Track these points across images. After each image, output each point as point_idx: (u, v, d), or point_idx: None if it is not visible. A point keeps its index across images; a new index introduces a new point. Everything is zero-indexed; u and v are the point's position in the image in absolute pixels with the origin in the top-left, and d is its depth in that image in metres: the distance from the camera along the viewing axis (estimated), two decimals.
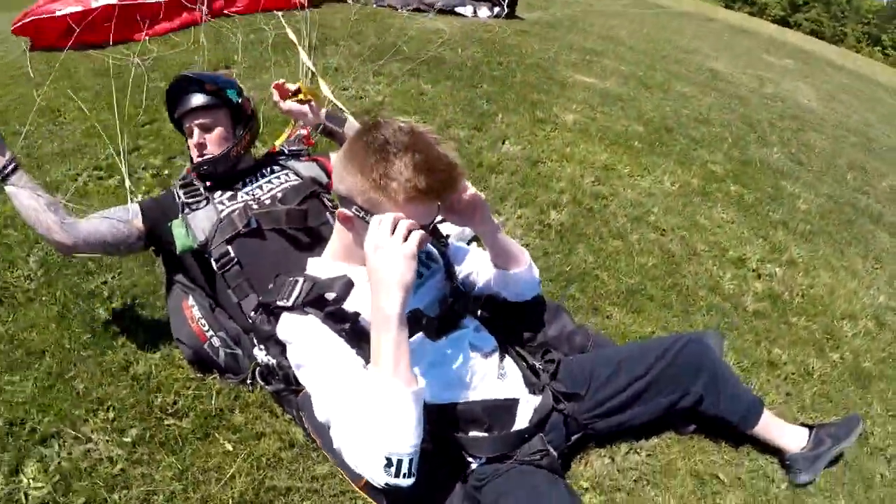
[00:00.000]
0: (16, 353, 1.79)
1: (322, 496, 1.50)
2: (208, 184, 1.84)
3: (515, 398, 1.39)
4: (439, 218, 1.31)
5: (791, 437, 1.70)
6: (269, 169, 1.91)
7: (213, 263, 1.68)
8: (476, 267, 1.58)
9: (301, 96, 1.90)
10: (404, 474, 1.07)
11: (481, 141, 3.55)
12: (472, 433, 1.33)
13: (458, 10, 6.96)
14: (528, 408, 1.41)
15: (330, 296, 1.23)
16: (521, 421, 1.38)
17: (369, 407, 1.08)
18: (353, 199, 1.18)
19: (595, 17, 8.76)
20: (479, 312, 1.66)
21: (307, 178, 1.91)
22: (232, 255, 1.68)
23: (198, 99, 1.79)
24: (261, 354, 1.60)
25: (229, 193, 1.81)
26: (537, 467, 1.31)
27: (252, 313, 1.60)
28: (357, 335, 1.23)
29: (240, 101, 1.86)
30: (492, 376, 1.42)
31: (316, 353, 1.21)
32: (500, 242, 1.48)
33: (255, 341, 1.64)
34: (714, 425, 1.73)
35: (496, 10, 7.08)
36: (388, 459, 1.06)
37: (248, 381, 1.72)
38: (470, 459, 1.33)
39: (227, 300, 1.72)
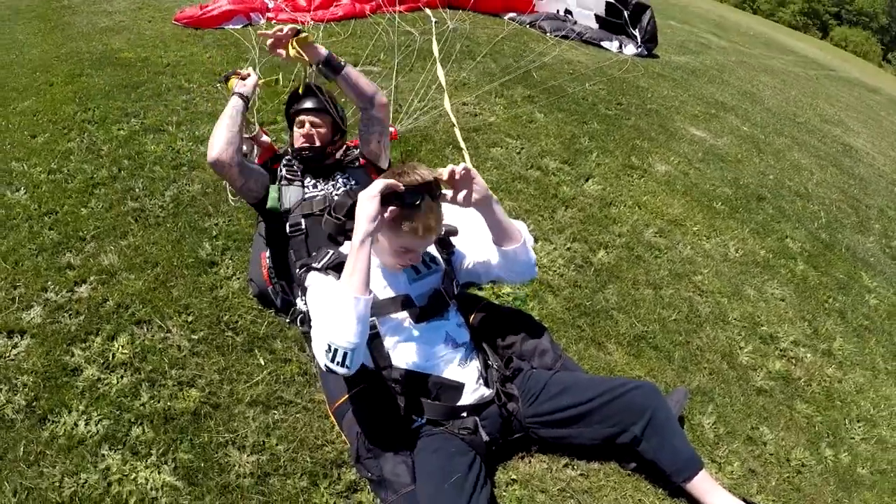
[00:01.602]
0: (137, 259, 2.53)
1: (311, 413, 2.00)
2: (302, 167, 2.39)
3: (462, 383, 1.75)
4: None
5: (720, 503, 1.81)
6: (342, 172, 2.44)
7: (287, 227, 2.22)
8: (476, 257, 1.93)
9: (292, 51, 2.20)
10: (338, 363, 1.50)
11: (566, 175, 3.82)
12: (422, 399, 1.72)
13: (603, 44, 7.10)
14: (473, 394, 1.77)
15: None
16: (463, 401, 1.74)
17: (327, 305, 1.54)
18: None
19: (746, 70, 8.46)
20: (472, 316, 2.04)
21: (363, 183, 2.40)
22: (303, 226, 2.21)
23: (318, 102, 2.39)
24: (300, 303, 2.10)
25: (314, 181, 2.35)
26: (462, 440, 1.67)
27: (297, 270, 2.10)
28: None
29: (341, 117, 2.44)
30: (454, 362, 1.79)
31: (319, 294, 1.68)
32: (496, 216, 1.79)
33: (300, 293, 2.15)
34: (654, 471, 1.90)
35: (641, 48, 7.16)
36: (329, 346, 1.49)
37: (289, 321, 2.24)
38: (415, 417, 1.73)
39: (289, 258, 2.25)
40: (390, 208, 1.59)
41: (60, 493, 1.68)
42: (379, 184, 1.57)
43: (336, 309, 1.51)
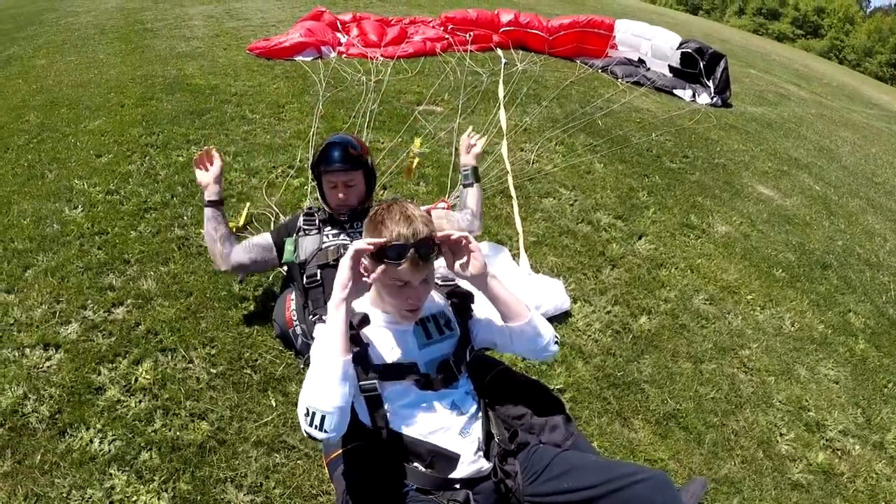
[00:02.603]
0: (173, 287, 2.62)
1: (311, 461, 2.00)
2: (324, 216, 2.41)
3: (458, 454, 1.68)
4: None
5: None
6: None
7: (304, 278, 2.24)
8: (493, 328, 1.84)
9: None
10: (317, 426, 1.45)
11: (617, 232, 3.68)
12: (414, 464, 1.67)
13: (676, 91, 6.92)
14: (469, 467, 1.69)
15: (354, 322, 1.66)
16: (457, 473, 1.67)
17: (311, 369, 1.53)
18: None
19: (825, 124, 8.00)
20: (485, 381, 1.97)
21: None
22: (318, 277, 2.23)
23: (348, 158, 2.29)
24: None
25: (335, 231, 2.36)
26: None
27: (310, 318, 2.12)
28: (363, 357, 1.64)
29: (371, 165, 2.41)
30: (454, 431, 1.72)
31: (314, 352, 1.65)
32: (493, 292, 1.71)
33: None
34: None
35: (715, 98, 6.93)
36: (307, 409, 1.46)
37: (303, 366, 2.25)
38: (406, 482, 1.67)
39: (308, 307, 2.27)
40: (379, 268, 1.56)
41: None
42: (352, 249, 1.54)
43: (315, 371, 1.50)
